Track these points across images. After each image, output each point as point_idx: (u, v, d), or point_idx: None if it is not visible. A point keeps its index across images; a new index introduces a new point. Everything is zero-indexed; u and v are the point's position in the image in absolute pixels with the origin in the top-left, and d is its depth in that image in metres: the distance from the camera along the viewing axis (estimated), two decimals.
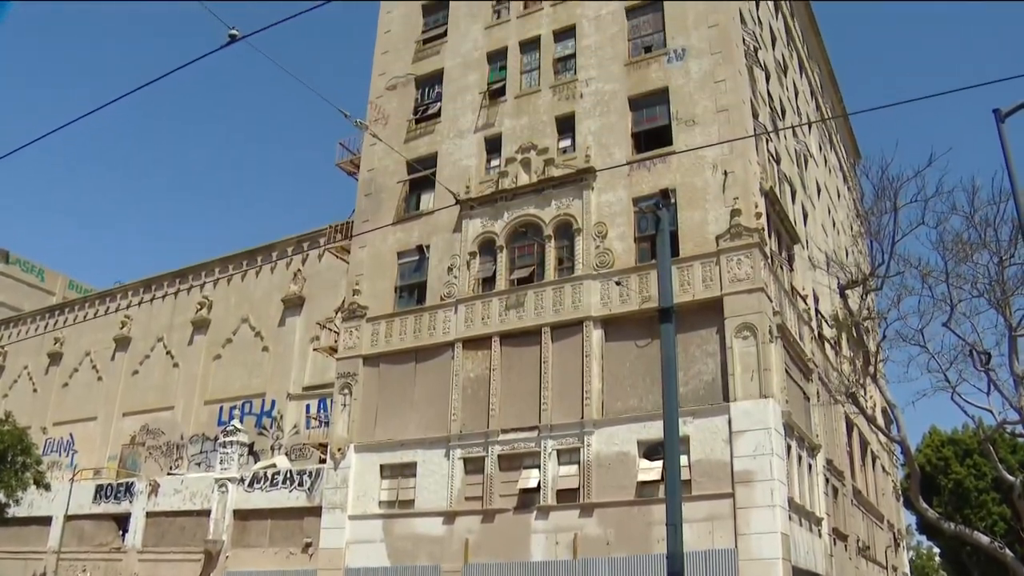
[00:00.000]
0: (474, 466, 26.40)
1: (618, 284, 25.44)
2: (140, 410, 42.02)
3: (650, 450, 23.53)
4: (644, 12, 29.30)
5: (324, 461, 30.28)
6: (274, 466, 33.02)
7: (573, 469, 24.69)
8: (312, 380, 36.09)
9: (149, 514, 35.52)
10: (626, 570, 22.68)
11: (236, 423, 36.07)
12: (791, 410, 24.32)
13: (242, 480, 32.92)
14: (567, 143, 28.86)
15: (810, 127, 39.78)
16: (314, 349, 35.78)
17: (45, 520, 38.93)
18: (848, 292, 25.96)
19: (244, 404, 37.99)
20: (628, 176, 26.87)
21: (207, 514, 32.98)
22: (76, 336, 47.45)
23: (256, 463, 34.57)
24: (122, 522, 36.59)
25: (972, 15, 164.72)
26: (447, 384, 27.80)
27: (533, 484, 25.01)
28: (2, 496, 34.43)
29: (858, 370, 27.38)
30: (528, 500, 25.06)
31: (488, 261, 28.75)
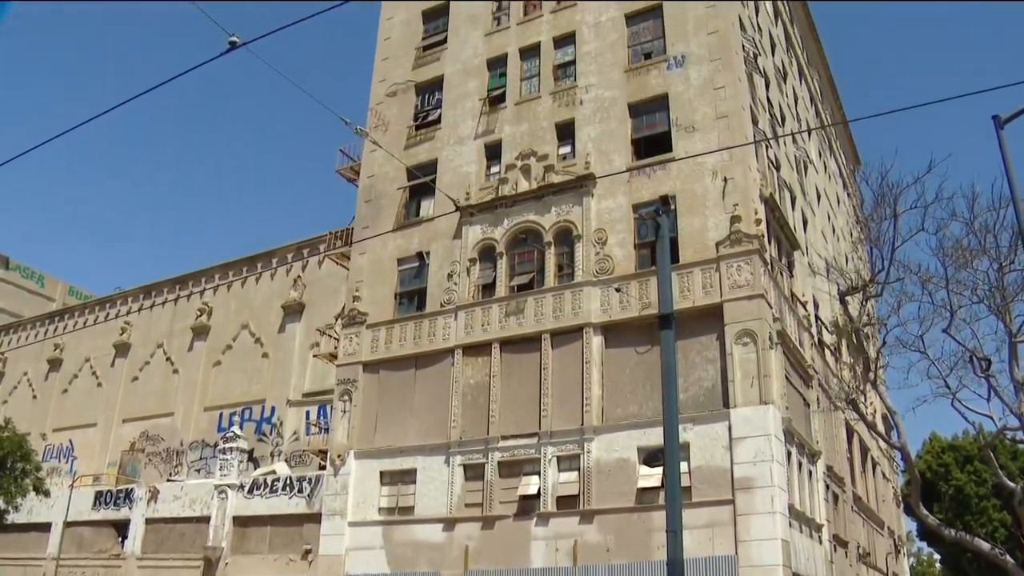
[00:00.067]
0: (474, 473, 26.37)
1: (618, 291, 25.44)
2: (140, 416, 42.01)
3: (650, 456, 23.51)
4: (644, 19, 29.36)
5: (324, 468, 30.26)
6: (274, 472, 33.02)
7: (573, 476, 24.67)
8: (312, 386, 36.10)
9: (148, 521, 35.47)
10: None
11: (236, 429, 36.07)
12: (791, 416, 24.31)
13: (242, 487, 32.90)
14: (567, 149, 28.89)
15: (810, 133, 39.83)
16: (314, 355, 35.78)
17: (44, 527, 38.85)
18: (848, 298, 25.91)
19: (244, 410, 37.97)
20: (628, 183, 26.91)
21: (207, 521, 32.96)
22: (76, 342, 47.42)
23: (256, 469, 34.56)
24: (121, 529, 36.54)
25: (971, 16, 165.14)
26: (447, 391, 27.78)
27: (533, 491, 24.99)
28: (1, 502, 34.36)
29: (858, 376, 27.34)
30: (528, 507, 25.02)
31: (488, 268, 28.76)
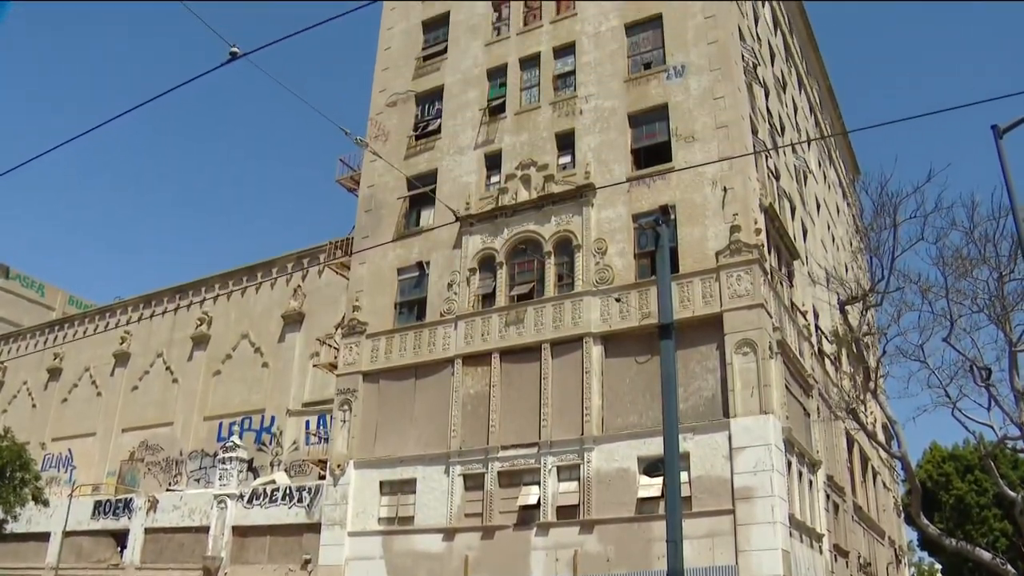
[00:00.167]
0: (474, 482, 26.33)
1: (618, 300, 25.45)
2: (139, 426, 41.95)
3: (650, 466, 23.47)
4: (643, 29, 29.44)
5: (323, 477, 30.21)
6: (273, 482, 32.96)
7: (573, 486, 24.63)
8: (312, 396, 36.06)
9: (148, 530, 35.40)
10: None
11: (235, 439, 36.02)
12: (791, 426, 24.29)
13: (241, 496, 32.84)
14: (567, 159, 28.95)
15: (809, 144, 39.90)
16: (314, 365, 35.76)
17: (43, 536, 38.77)
18: (848, 308, 25.90)
19: (243, 420, 37.93)
20: (628, 192, 26.95)
21: (206, 530, 32.90)
22: (76, 352, 47.43)
23: (255, 479, 34.51)
24: (120, 538, 36.46)
25: (971, 16, 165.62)
26: (447, 400, 27.76)
27: (533, 501, 24.94)
28: (0, 512, 34.33)
29: (858, 386, 27.29)
30: (528, 517, 24.98)
31: (488, 277, 28.77)
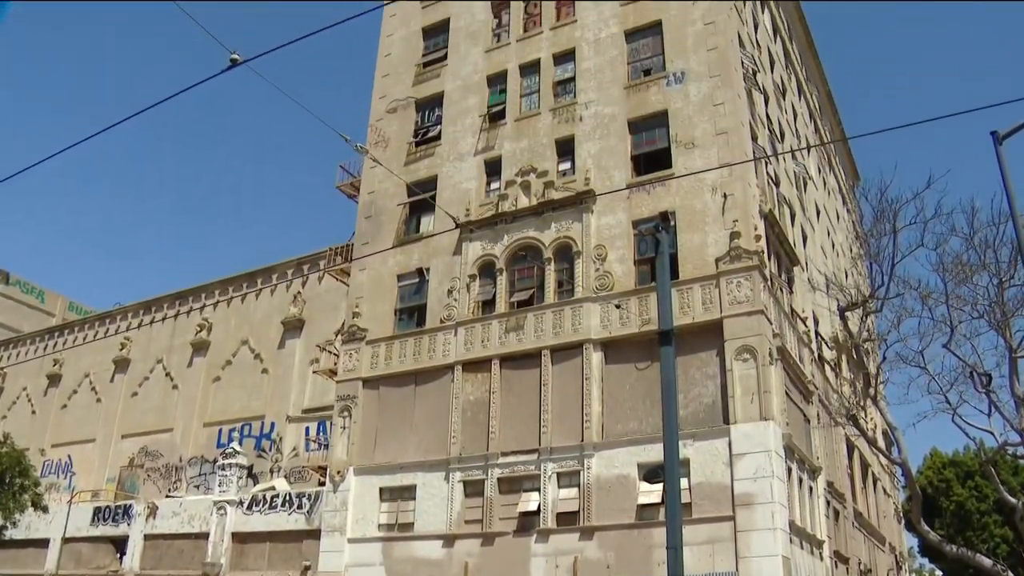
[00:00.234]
0: (474, 489, 26.29)
1: (618, 307, 25.45)
2: (139, 432, 41.92)
3: (650, 473, 23.44)
4: (643, 36, 29.48)
5: (323, 484, 30.17)
6: (273, 489, 32.90)
7: (573, 492, 24.59)
8: (311, 403, 36.05)
9: (147, 537, 35.30)
10: None
11: (235, 445, 35.97)
12: (791, 432, 24.26)
13: (241, 503, 32.77)
14: (567, 166, 28.96)
15: (809, 150, 39.95)
16: (314, 371, 35.75)
17: (42, 543, 38.65)
18: (848, 314, 25.93)
19: (243, 426, 37.91)
20: (628, 199, 26.95)
21: (205, 537, 32.80)
22: (75, 358, 47.39)
23: (255, 486, 34.45)
24: (120, 545, 36.36)
25: (971, 16, 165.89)
26: (447, 407, 27.73)
27: (533, 507, 24.90)
28: (0, 518, 34.27)
29: (858, 392, 27.30)
30: (528, 523, 24.93)
31: (488, 284, 28.77)
